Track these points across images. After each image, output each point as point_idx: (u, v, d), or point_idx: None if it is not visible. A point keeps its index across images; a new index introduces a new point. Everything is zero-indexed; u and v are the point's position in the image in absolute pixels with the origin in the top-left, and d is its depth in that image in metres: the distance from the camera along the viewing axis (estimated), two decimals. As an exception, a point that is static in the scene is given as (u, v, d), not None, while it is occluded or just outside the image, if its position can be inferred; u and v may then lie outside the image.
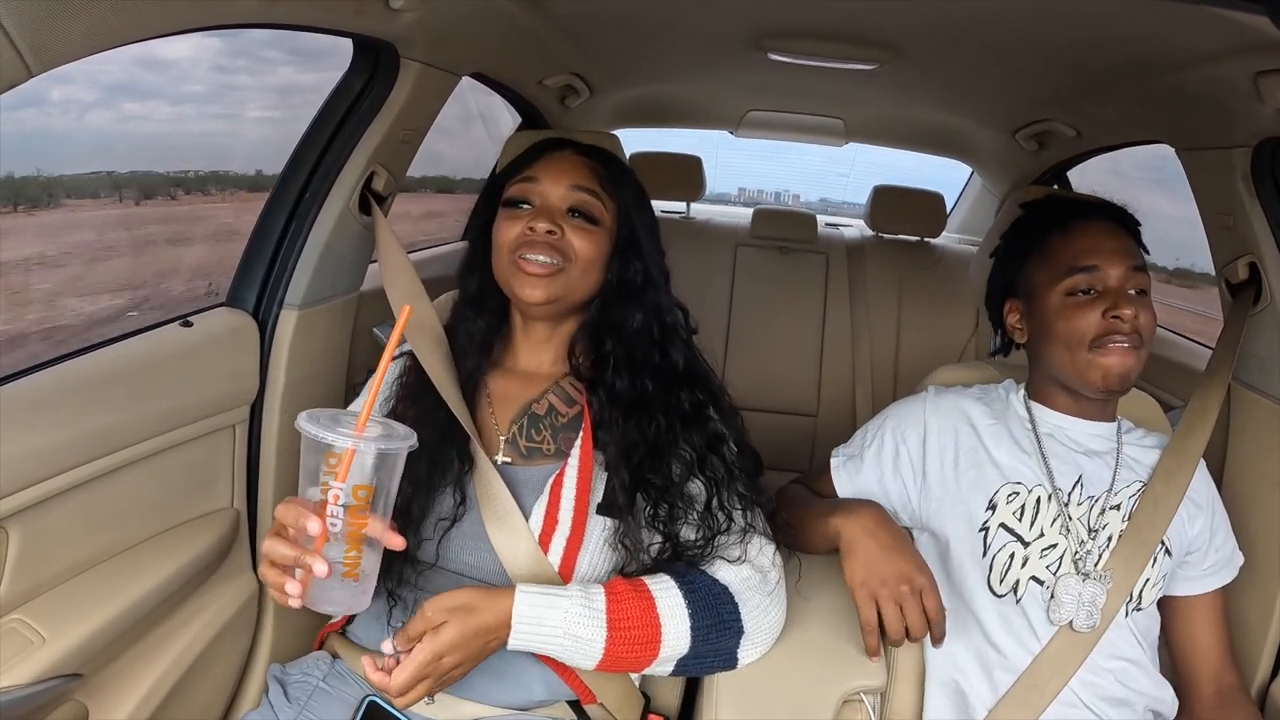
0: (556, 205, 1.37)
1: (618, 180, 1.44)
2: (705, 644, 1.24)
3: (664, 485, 1.30)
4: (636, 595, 1.23)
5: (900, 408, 1.57)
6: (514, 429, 1.37)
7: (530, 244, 1.33)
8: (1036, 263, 1.48)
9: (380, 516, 1.05)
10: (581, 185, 1.38)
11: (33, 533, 1.24)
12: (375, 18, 1.43)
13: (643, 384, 1.35)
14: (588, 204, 1.38)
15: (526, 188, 1.38)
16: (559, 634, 1.18)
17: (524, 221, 1.34)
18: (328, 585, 1.04)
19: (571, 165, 1.40)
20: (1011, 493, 1.43)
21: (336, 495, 1.01)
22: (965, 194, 4.10)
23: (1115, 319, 1.36)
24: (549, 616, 1.18)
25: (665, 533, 1.30)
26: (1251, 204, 1.59)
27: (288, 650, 1.68)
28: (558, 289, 1.34)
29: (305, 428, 1.01)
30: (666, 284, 1.46)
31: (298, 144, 1.68)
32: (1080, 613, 1.35)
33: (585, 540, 1.29)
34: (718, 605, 1.25)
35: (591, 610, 1.20)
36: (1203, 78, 1.46)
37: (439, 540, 1.29)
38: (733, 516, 1.31)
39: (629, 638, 1.21)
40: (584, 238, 1.36)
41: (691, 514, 1.30)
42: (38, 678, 1.19)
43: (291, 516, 1.03)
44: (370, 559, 1.07)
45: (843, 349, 3.26)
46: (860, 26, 1.82)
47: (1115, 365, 1.37)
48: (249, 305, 1.65)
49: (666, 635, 1.22)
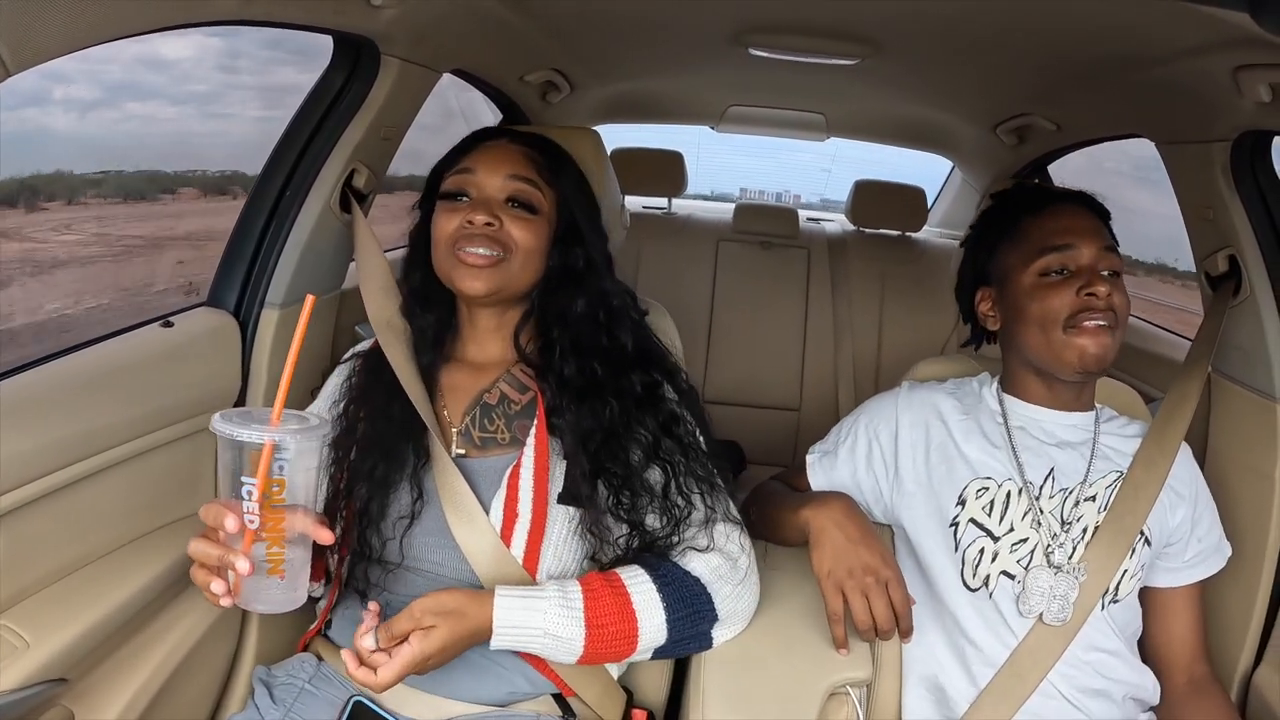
0: (494, 196, 1.37)
1: (555, 168, 1.43)
2: (680, 633, 1.26)
3: (625, 474, 1.30)
4: (612, 591, 1.24)
5: (874, 404, 1.58)
6: (466, 420, 1.37)
7: (469, 236, 1.32)
8: (1008, 246, 1.48)
9: (304, 510, 1.05)
10: (518, 175, 1.38)
11: (15, 537, 1.22)
12: (355, 15, 1.42)
13: (591, 369, 1.35)
14: (525, 193, 1.38)
15: (462, 179, 1.38)
16: (539, 634, 1.20)
17: (462, 214, 1.34)
18: (257, 584, 1.04)
19: (507, 154, 1.40)
20: (981, 488, 1.44)
21: (250, 491, 1.01)
22: (946, 188, 4.11)
23: (1090, 295, 1.36)
24: (529, 620, 1.19)
25: (629, 521, 1.30)
26: (1231, 197, 1.60)
27: (273, 653, 1.67)
28: (499, 280, 1.34)
29: (217, 427, 1.01)
30: (609, 268, 1.46)
31: (278, 142, 1.66)
32: (1051, 606, 1.36)
33: (548, 532, 1.29)
34: (692, 598, 1.26)
35: (569, 610, 1.21)
36: (1183, 72, 1.47)
37: (401, 538, 1.29)
38: (693, 501, 1.31)
39: (606, 635, 1.22)
40: (523, 228, 1.35)
41: (654, 501, 1.30)
42: (23, 683, 1.18)
43: (213, 516, 1.03)
44: (296, 553, 1.06)
45: (825, 343, 3.27)
46: (841, 21, 1.82)
47: (1091, 345, 1.36)
48: (230, 305, 1.64)
49: (643, 629, 1.24)
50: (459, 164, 1.40)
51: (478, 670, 1.28)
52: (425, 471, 1.32)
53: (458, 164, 1.40)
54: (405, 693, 1.28)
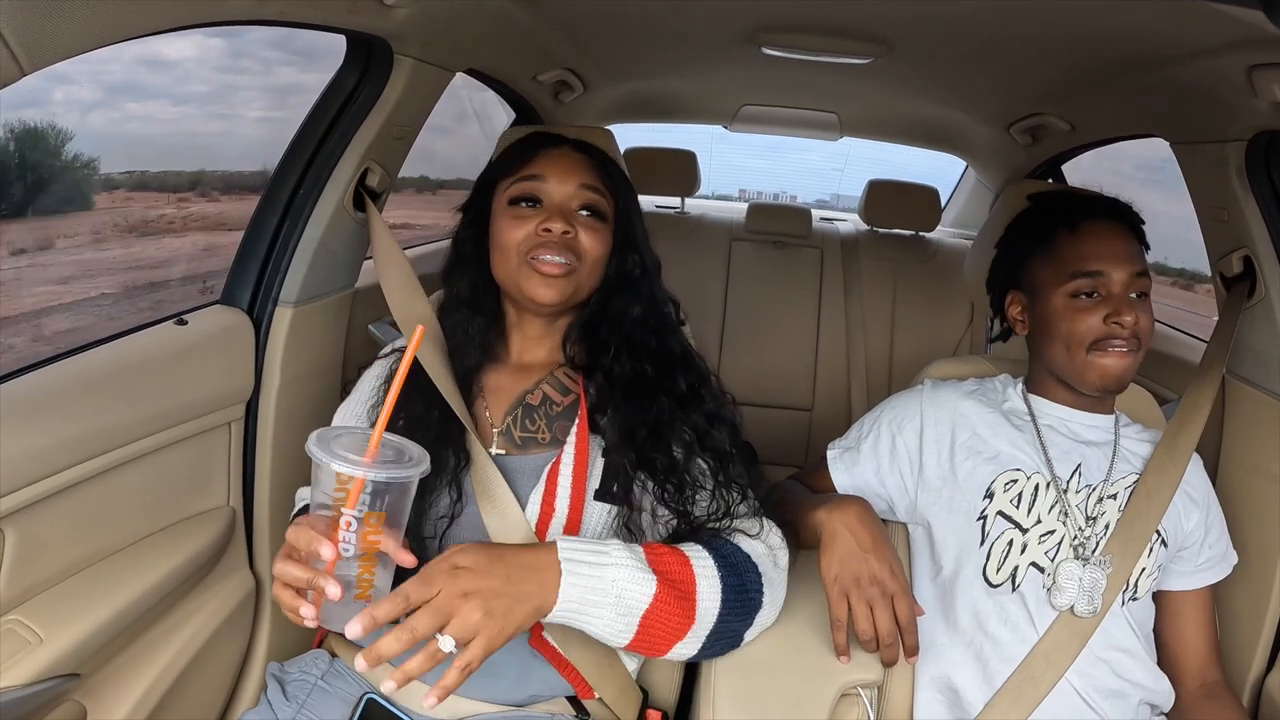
0: (566, 204, 1.36)
1: (614, 175, 1.44)
2: (729, 615, 1.19)
3: (670, 464, 1.29)
4: (672, 552, 1.17)
5: (897, 400, 1.58)
6: (508, 420, 1.37)
7: (546, 245, 1.32)
8: (1042, 260, 1.49)
9: (394, 534, 1.03)
10: (589, 184, 1.38)
11: (29, 533, 1.24)
12: (369, 14, 1.43)
13: (642, 368, 1.35)
14: (598, 202, 1.38)
15: (533, 186, 1.37)
16: (610, 588, 1.09)
17: (535, 221, 1.33)
18: (341, 605, 1.02)
19: (576, 163, 1.39)
20: (1009, 480, 1.44)
21: (349, 522, 0.99)
22: (959, 188, 4.09)
23: (1116, 324, 1.38)
24: (599, 575, 1.09)
25: (677, 509, 1.28)
26: (1246, 198, 1.59)
27: (286, 648, 1.68)
28: (570, 289, 1.34)
29: (315, 453, 0.99)
30: (659, 274, 1.46)
31: (291, 141, 1.67)
32: (1081, 597, 1.36)
33: (584, 528, 1.28)
34: (744, 572, 1.22)
35: (637, 563, 1.12)
36: (1197, 72, 1.46)
37: (440, 538, 1.29)
38: (744, 492, 1.31)
39: (673, 596, 1.13)
40: (594, 236, 1.36)
41: (701, 490, 1.29)
42: (36, 678, 1.19)
43: (304, 540, 1.00)
44: (382, 577, 1.05)
45: (837, 343, 3.27)
46: (854, 21, 1.82)
47: (1113, 367, 1.40)
48: (244, 303, 1.65)
49: (701, 595, 1.16)
50: (523, 170, 1.38)
51: (493, 670, 1.27)
52: (464, 473, 1.31)
53: (521, 170, 1.38)
54: (419, 690, 1.28)
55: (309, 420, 1.72)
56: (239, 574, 1.65)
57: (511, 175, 1.39)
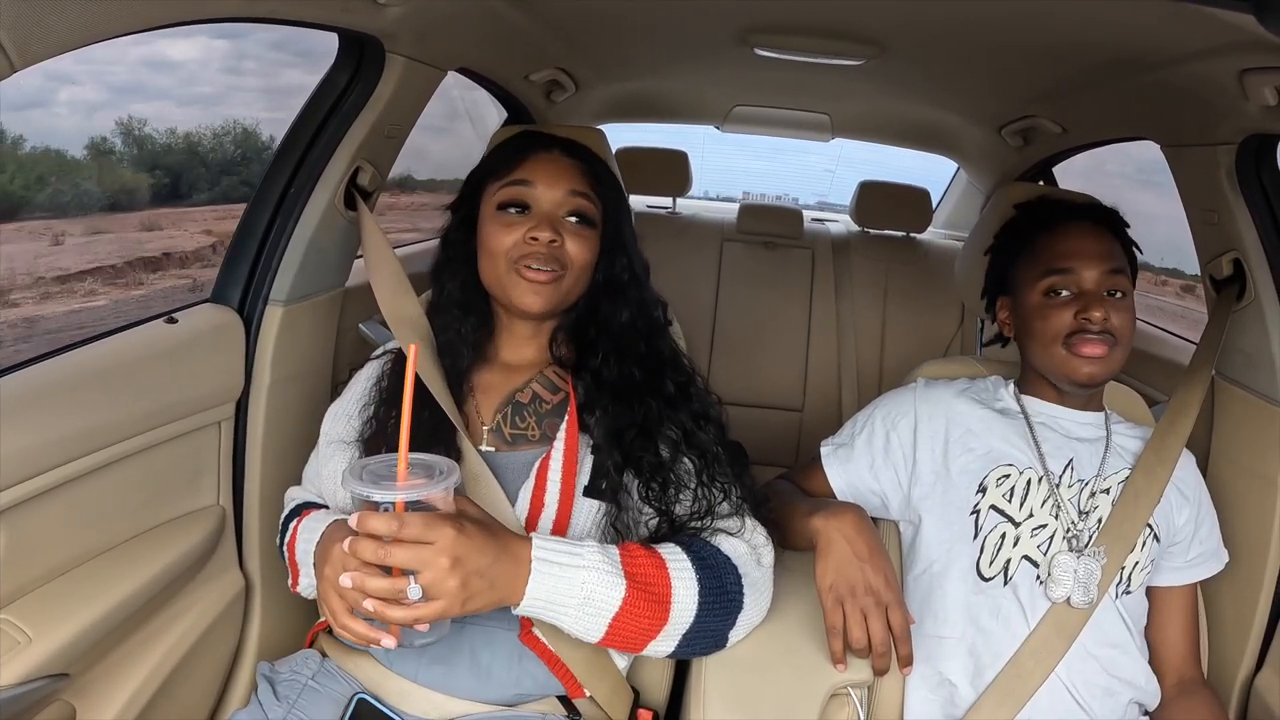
0: (554, 211, 1.35)
1: (604, 179, 1.43)
2: (707, 615, 1.21)
3: (656, 462, 1.30)
4: (648, 555, 1.19)
5: (890, 397, 1.60)
6: (498, 418, 1.37)
7: (533, 254, 1.31)
8: (1024, 263, 1.53)
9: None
10: (578, 190, 1.37)
11: (18, 532, 1.23)
12: (361, 13, 1.42)
13: (630, 372, 1.35)
14: (586, 209, 1.37)
15: (521, 191, 1.36)
16: (578, 589, 1.11)
17: (523, 228, 1.32)
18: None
19: (565, 168, 1.38)
20: (1002, 475, 1.46)
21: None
22: (951, 189, 4.11)
23: (1085, 319, 1.41)
24: (568, 574, 1.11)
25: (660, 509, 1.29)
26: (1236, 201, 1.60)
27: (276, 648, 1.67)
28: (557, 297, 1.34)
29: (353, 488, 1.01)
30: (648, 277, 1.46)
31: (282, 139, 1.67)
32: (1077, 588, 1.37)
33: (573, 523, 1.28)
34: (723, 574, 1.23)
35: (609, 564, 1.14)
36: (1188, 75, 1.47)
37: None
38: (727, 490, 1.31)
39: (644, 598, 1.15)
40: (580, 243, 1.35)
41: (685, 490, 1.29)
42: (25, 678, 1.18)
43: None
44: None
45: (828, 343, 3.27)
46: (846, 22, 1.82)
47: (1084, 364, 1.43)
48: (234, 301, 1.64)
49: (676, 597, 1.18)
50: (512, 174, 1.37)
51: (483, 669, 1.28)
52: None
53: (509, 174, 1.37)
54: (409, 690, 1.28)
55: (299, 419, 1.72)
56: (228, 574, 1.64)
57: (500, 178, 1.38)
